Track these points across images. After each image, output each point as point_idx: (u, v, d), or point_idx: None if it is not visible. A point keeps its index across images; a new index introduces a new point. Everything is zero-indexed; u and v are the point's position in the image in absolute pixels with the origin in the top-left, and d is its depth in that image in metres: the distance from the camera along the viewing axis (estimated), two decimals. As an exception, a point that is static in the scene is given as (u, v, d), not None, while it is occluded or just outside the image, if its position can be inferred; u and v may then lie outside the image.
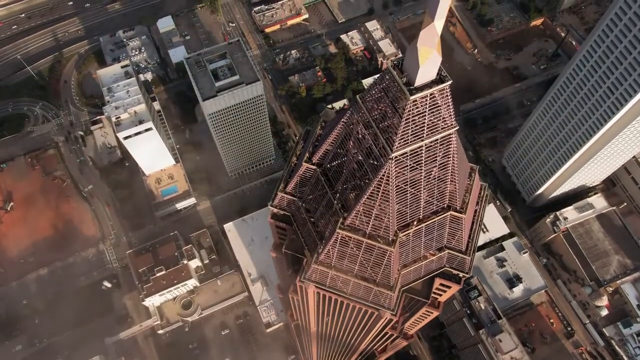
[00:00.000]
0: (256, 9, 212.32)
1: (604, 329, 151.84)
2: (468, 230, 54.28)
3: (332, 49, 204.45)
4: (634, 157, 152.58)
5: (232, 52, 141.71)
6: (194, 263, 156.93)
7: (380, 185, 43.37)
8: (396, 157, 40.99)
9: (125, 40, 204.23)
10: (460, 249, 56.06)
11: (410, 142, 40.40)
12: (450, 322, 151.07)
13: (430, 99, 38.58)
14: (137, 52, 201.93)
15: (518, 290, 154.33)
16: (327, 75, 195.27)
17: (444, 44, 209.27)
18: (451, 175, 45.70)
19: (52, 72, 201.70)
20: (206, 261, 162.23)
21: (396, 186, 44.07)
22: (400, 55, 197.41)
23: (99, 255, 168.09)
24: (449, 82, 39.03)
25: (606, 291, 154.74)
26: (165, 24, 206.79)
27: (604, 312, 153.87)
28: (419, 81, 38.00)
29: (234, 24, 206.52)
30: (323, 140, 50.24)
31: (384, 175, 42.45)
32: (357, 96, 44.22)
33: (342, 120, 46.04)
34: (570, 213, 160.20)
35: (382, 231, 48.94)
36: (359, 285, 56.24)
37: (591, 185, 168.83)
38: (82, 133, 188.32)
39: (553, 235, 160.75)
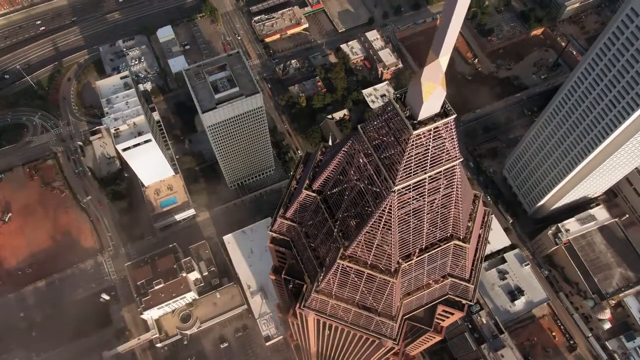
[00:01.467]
0: (256, 18, 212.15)
1: (606, 343, 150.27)
2: (472, 258, 53.21)
3: (332, 58, 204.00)
4: (636, 168, 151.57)
5: (231, 63, 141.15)
6: (193, 275, 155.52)
7: (382, 217, 42.43)
8: (399, 189, 40.09)
9: (125, 49, 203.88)
10: (463, 277, 54.98)
11: (413, 174, 39.48)
12: (452, 336, 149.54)
13: (434, 132, 37.70)
14: (136, 62, 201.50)
15: (520, 303, 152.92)
16: (327, 85, 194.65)
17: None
18: (455, 204, 44.75)
19: (52, 82, 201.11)
20: (205, 273, 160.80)
21: (398, 217, 43.11)
22: (401, 65, 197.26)
23: (97, 267, 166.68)
24: (454, 116, 38.12)
25: (609, 304, 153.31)
26: (165, 33, 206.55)
27: (607, 326, 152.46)
28: (423, 115, 37.11)
29: (239, 37, 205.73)
30: (324, 168, 49.28)
31: (386, 207, 41.51)
32: (359, 126, 43.32)
33: (343, 149, 45.12)
34: (572, 225, 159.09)
35: (384, 261, 47.89)
36: (360, 315, 55.12)
37: (593, 197, 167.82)
38: (81, 143, 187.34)
39: (555, 247, 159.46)
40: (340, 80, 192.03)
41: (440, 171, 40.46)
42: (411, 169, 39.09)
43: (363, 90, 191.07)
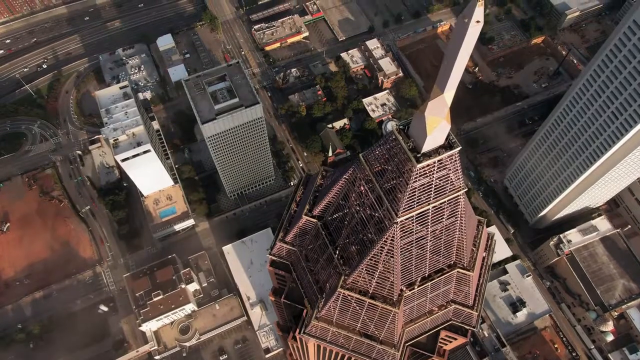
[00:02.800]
0: (256, 27, 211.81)
1: (609, 355, 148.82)
2: (475, 284, 52.26)
3: (333, 67, 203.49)
4: (638, 178, 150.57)
5: (231, 74, 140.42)
6: (192, 287, 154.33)
7: (385, 247, 41.53)
8: (402, 221, 39.22)
9: (124, 58, 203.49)
10: (467, 304, 53.96)
11: (417, 206, 38.65)
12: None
13: (438, 165, 36.89)
14: (136, 71, 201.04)
15: (522, 315, 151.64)
16: (327, 94, 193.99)
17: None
18: (458, 233, 43.87)
19: (51, 91, 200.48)
20: (204, 284, 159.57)
21: (401, 246, 42.21)
22: (401, 74, 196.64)
23: (96, 278, 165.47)
24: (459, 149, 37.28)
25: (611, 316, 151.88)
26: (165, 41, 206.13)
27: (610, 338, 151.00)
28: (426, 148, 36.29)
29: (243, 52, 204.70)
30: (324, 193, 48.43)
31: (388, 237, 40.65)
32: (361, 155, 42.50)
33: (345, 176, 44.26)
34: (574, 236, 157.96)
35: (386, 290, 46.95)
36: (362, 342, 54.06)
37: (594, 207, 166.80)
38: (80, 152, 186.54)
39: (557, 259, 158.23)
40: (341, 89, 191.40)
41: (444, 201, 39.70)
42: (414, 201, 38.31)
43: (363, 100, 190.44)
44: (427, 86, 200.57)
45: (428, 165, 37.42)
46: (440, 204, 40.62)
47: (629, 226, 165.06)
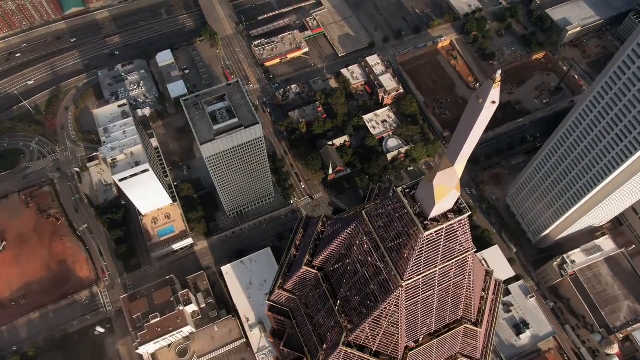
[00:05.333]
0: (256, 42, 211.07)
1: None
2: (483, 338, 50.31)
3: (333, 83, 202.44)
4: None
5: (230, 93, 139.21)
6: (190, 308, 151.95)
7: (389, 308, 39.71)
8: (407, 285, 37.46)
9: (123, 74, 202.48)
10: (474, 357, 51.93)
11: (424, 269, 36.93)
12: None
13: (446, 230, 35.23)
14: (135, 87, 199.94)
15: (525, 337, 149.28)
16: (328, 110, 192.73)
17: (445, 78, 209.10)
18: (466, 290, 42.09)
19: (50, 107, 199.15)
20: (203, 305, 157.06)
21: (406, 307, 40.36)
22: (401, 90, 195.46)
23: (93, 298, 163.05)
24: (468, 214, 35.59)
25: (617, 338, 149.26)
26: (164, 57, 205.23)
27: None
28: (434, 214, 34.64)
29: (243, 71, 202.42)
30: (325, 245, 46.62)
31: (393, 299, 38.82)
32: (363, 211, 40.75)
33: (347, 231, 42.52)
34: (577, 256, 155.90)
35: (390, 349, 44.99)
36: (365, 397, 52.00)
37: (598, 225, 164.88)
38: (78, 169, 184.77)
39: (560, 279, 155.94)
40: (341, 105, 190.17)
41: (452, 263, 38.01)
42: (421, 265, 36.58)
43: (364, 116, 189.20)
44: (428, 102, 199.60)
45: (436, 232, 35.69)
46: (448, 265, 38.87)
47: (633, 246, 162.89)
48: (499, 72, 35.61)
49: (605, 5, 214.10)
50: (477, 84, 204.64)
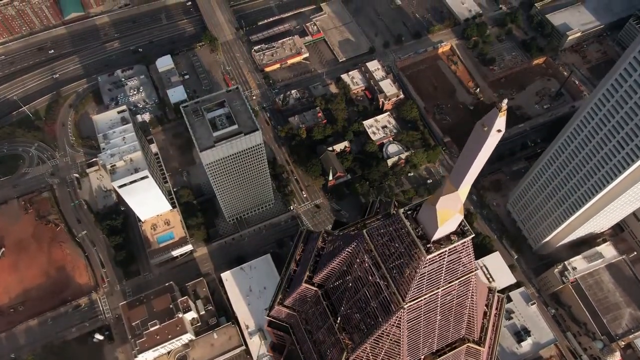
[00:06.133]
0: (256, 47, 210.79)
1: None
2: (487, 356, 49.68)
3: (333, 88, 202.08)
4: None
5: (230, 100, 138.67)
6: (190, 315, 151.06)
7: (390, 329, 39.07)
8: (409, 306, 36.89)
9: (123, 79, 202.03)
10: (477, 374, 51.41)
11: (426, 291, 36.33)
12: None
13: (449, 252, 34.66)
14: (135, 92, 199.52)
15: (527, 345, 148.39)
16: (328, 116, 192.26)
17: (445, 83, 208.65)
18: (469, 310, 41.47)
19: (49, 112, 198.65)
20: (202, 312, 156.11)
21: (408, 328, 39.77)
22: (402, 96, 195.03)
23: (92, 305, 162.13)
24: (471, 236, 35.03)
25: (618, 346, 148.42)
26: (164, 63, 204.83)
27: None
28: (437, 236, 34.09)
29: (249, 91, 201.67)
30: (325, 262, 46.00)
31: (394, 320, 38.21)
32: (364, 231, 40.14)
33: (347, 249, 41.94)
34: (579, 263, 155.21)
35: (392, 369, 44.43)
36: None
37: (599, 232, 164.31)
38: (77, 175, 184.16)
39: (562, 286, 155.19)
40: (341, 111, 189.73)
41: (455, 284, 37.44)
42: (423, 286, 35.97)
43: (364, 122, 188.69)
44: (428, 107, 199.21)
45: (439, 255, 35.12)
46: (451, 286, 38.30)
47: (635, 252, 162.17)
48: (505, 101, 35.13)
49: (606, 10, 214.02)
50: (478, 89, 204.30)
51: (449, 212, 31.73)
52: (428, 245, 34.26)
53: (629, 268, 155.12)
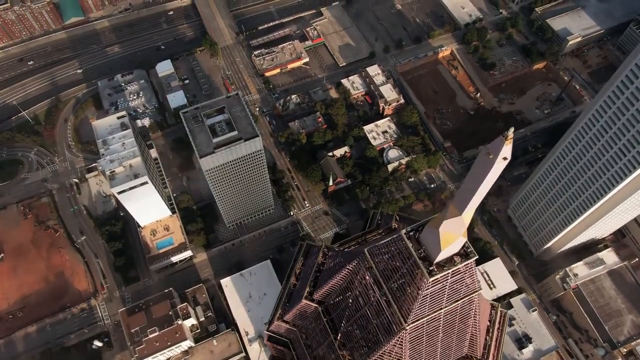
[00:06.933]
0: (256, 52, 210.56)
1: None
2: (489, 373, 49.14)
3: (333, 93, 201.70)
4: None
5: (230, 106, 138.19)
6: (189, 322, 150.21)
7: (392, 349, 38.47)
8: (411, 328, 36.30)
9: (123, 84, 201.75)
10: (479, 391, 50.74)
11: (428, 312, 35.74)
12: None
13: (452, 274, 34.10)
14: (135, 97, 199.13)
15: (528, 352, 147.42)
16: (328, 120, 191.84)
17: (445, 88, 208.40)
18: (472, 328, 40.85)
19: (49, 117, 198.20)
20: (202, 319, 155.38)
21: (410, 347, 39.17)
22: (402, 101, 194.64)
23: (91, 311, 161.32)
24: (475, 258, 34.47)
25: (620, 353, 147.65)
26: (164, 67, 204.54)
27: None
28: (440, 259, 33.53)
29: (249, 96, 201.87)
30: (326, 278, 45.39)
31: (396, 342, 37.62)
32: (366, 249, 39.56)
33: (348, 267, 41.34)
34: (580, 269, 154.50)
35: (393, 388, 43.77)
36: None
37: (600, 238, 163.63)
38: (77, 180, 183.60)
39: (563, 293, 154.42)
40: (341, 116, 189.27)
41: (458, 304, 36.86)
42: (426, 308, 35.39)
43: (364, 127, 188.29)
44: (428, 112, 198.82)
45: (442, 276, 34.55)
46: (454, 306, 37.73)
47: (637, 258, 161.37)
48: (512, 129, 34.78)
49: (606, 15, 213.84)
50: (478, 94, 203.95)
51: (453, 235, 31.20)
52: (431, 268, 33.71)
53: (630, 274, 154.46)
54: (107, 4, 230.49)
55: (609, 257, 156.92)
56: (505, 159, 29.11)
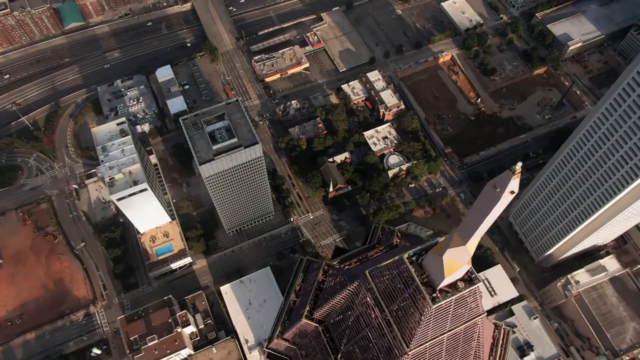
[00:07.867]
0: (256, 57, 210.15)
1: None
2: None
3: (333, 99, 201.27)
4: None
5: (230, 112, 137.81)
6: (189, 329, 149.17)
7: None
8: (413, 353, 35.60)
9: (123, 89, 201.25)
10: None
11: (431, 337, 35.06)
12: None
13: (456, 300, 33.41)
14: (134, 102, 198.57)
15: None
16: (328, 126, 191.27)
17: (446, 93, 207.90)
18: (475, 350, 40.14)
19: (48, 123, 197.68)
20: (201, 326, 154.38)
21: (412, 370, 38.53)
22: (402, 106, 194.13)
23: (89, 319, 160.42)
24: (479, 284, 33.79)
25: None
26: (164, 73, 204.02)
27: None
28: (443, 284, 32.85)
29: (249, 101, 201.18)
30: (326, 299, 44.74)
31: (398, 364, 37.03)
32: (367, 271, 38.90)
33: (349, 288, 40.67)
34: (582, 276, 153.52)
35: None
36: None
37: (602, 244, 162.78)
38: (76, 186, 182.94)
39: (564, 300, 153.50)
40: (342, 121, 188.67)
41: (461, 328, 36.18)
42: (428, 333, 34.70)
43: (365, 133, 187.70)
44: (429, 118, 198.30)
45: (445, 303, 33.85)
46: (457, 330, 37.01)
47: (639, 265, 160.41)
48: (520, 163, 34.13)
49: (607, 20, 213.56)
50: (479, 99, 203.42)
51: (457, 263, 30.54)
52: (434, 295, 33.05)
53: (632, 281, 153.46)
54: (108, 9, 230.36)
55: (611, 264, 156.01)
56: (512, 192, 28.49)
